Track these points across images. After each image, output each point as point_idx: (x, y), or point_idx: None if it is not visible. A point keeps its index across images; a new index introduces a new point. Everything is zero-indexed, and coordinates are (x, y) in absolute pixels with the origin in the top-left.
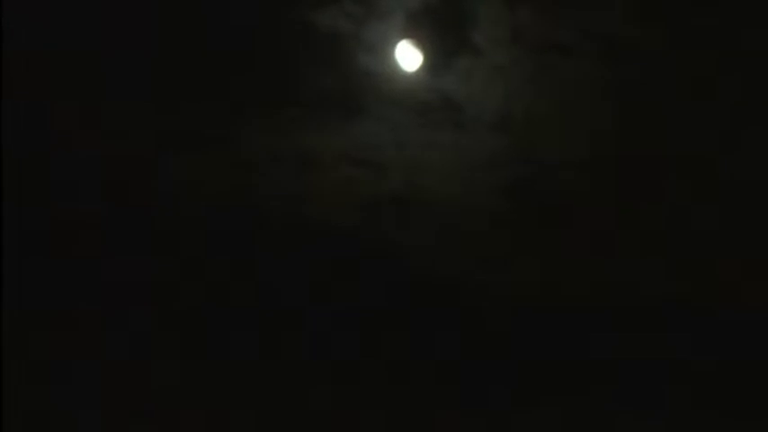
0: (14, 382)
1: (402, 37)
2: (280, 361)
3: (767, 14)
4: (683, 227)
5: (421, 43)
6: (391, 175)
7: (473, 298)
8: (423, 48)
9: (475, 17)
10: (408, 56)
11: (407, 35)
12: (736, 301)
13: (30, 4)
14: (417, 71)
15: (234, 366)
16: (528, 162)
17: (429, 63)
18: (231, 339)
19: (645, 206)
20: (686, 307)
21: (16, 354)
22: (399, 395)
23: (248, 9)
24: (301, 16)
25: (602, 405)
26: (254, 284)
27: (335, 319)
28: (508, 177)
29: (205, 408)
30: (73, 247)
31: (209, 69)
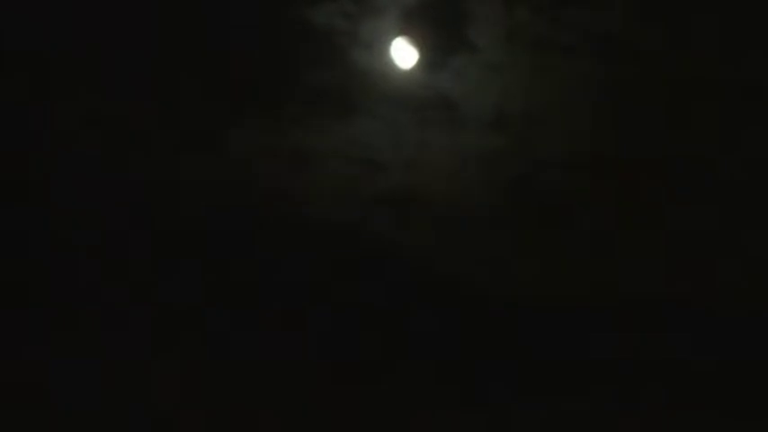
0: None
1: (398, 34)
2: (280, 361)
3: (767, 14)
4: (683, 227)
5: (417, 41)
6: (389, 174)
7: (473, 297)
8: (419, 45)
9: (471, 15)
10: (404, 53)
11: (403, 32)
12: (736, 301)
13: (30, 4)
14: (413, 68)
15: (234, 366)
16: (525, 161)
17: (425, 60)
18: (231, 339)
19: (645, 206)
20: (686, 307)
21: (16, 353)
22: (399, 395)
23: (245, 8)
24: (298, 15)
25: (602, 405)
26: (253, 284)
27: (335, 319)
28: (506, 176)
29: (205, 408)
30: (73, 247)
31: (207, 69)
